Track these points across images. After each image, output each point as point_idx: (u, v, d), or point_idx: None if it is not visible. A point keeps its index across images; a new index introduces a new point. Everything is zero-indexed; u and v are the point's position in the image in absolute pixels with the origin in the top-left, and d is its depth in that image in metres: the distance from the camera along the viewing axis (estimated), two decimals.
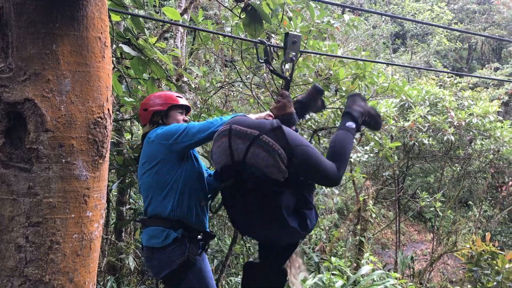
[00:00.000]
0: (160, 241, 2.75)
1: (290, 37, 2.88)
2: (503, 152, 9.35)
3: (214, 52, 5.72)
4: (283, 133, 2.33)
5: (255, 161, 2.29)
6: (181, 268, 2.75)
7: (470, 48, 27.98)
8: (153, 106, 2.94)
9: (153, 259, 2.81)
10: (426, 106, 8.63)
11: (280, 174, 2.29)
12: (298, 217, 2.43)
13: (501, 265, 4.69)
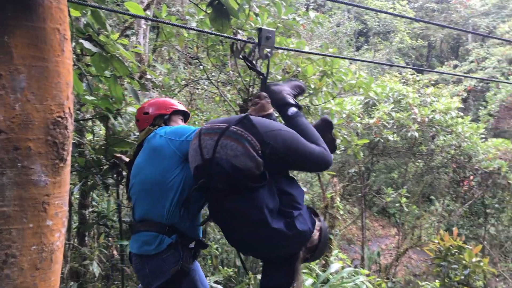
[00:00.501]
0: (153, 247, 2.53)
1: (264, 32, 2.74)
2: (464, 147, 9.59)
3: (179, 49, 5.57)
4: (251, 121, 2.24)
5: (224, 153, 2.17)
6: (174, 278, 2.54)
7: (429, 46, 28.71)
8: (155, 110, 2.91)
9: (144, 268, 2.59)
10: (390, 103, 8.74)
11: (252, 163, 2.14)
12: (283, 218, 2.22)
13: (468, 259, 4.77)
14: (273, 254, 2.39)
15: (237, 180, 2.16)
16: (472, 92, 20.76)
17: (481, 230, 12.07)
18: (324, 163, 2.39)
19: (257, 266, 7.43)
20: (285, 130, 2.32)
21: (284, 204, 2.26)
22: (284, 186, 2.32)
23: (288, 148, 2.25)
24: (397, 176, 13.60)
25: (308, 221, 2.29)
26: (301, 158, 2.31)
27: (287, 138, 2.27)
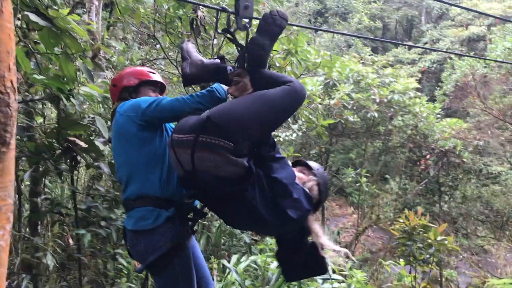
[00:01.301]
0: (150, 222, 2.44)
1: (242, 1, 2.46)
2: (421, 127, 9.76)
3: (135, 26, 5.28)
4: (213, 123, 2.13)
5: (204, 166, 2.14)
6: (169, 253, 2.45)
7: (384, 27, 29.10)
8: (123, 82, 2.71)
9: (139, 243, 2.49)
10: (350, 84, 8.73)
11: (235, 167, 2.12)
12: (278, 210, 2.22)
13: (433, 238, 4.82)
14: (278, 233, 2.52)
15: (224, 187, 2.17)
16: (426, 73, 21.24)
17: (436, 207, 12.43)
18: (296, 97, 2.30)
19: (219, 251, 7.34)
20: (250, 108, 2.21)
21: (277, 194, 2.22)
22: (274, 173, 2.25)
23: (261, 123, 2.20)
24: (355, 156, 13.76)
25: (303, 202, 2.27)
26: (276, 118, 2.30)
27: (255, 117, 2.18)
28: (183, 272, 2.55)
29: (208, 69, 2.50)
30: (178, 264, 2.51)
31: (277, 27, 2.33)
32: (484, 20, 19.62)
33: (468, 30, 20.08)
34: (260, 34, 2.31)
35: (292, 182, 2.30)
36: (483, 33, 19.53)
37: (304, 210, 2.28)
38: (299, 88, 2.28)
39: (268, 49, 2.37)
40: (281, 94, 2.23)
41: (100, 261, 4.74)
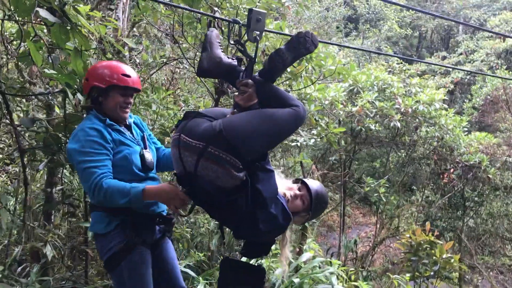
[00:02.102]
0: (103, 226, 2.63)
1: (254, 14, 2.57)
2: (447, 139, 9.53)
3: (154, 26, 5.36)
4: (225, 138, 2.24)
5: (206, 174, 2.25)
6: (118, 255, 2.60)
7: (420, 36, 28.66)
8: (94, 79, 2.65)
9: (96, 243, 2.76)
10: (374, 92, 8.60)
11: (234, 181, 2.26)
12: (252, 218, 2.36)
13: (438, 255, 4.71)
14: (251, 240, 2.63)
15: (219, 197, 2.31)
16: (459, 84, 20.74)
17: (459, 222, 12.13)
18: (298, 121, 2.44)
19: (231, 251, 7.35)
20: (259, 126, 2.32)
21: (256, 205, 2.32)
22: (259, 183, 2.34)
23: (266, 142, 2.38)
24: (379, 165, 13.56)
25: (279, 217, 2.40)
26: (279, 139, 2.54)
27: (262, 136, 2.32)
28: (131, 275, 2.64)
29: (223, 68, 2.57)
30: (125, 267, 2.62)
31: (305, 49, 2.46)
32: None
33: (505, 42, 19.49)
34: (287, 49, 2.44)
35: (273, 196, 2.41)
36: None
37: (278, 226, 2.43)
38: (302, 113, 2.42)
39: (287, 65, 2.53)
40: (287, 117, 2.36)
41: None
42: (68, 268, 4.70)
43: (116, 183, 2.44)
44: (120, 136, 2.68)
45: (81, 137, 2.52)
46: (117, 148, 2.63)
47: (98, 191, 2.41)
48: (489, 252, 13.84)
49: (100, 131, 2.55)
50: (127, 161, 2.64)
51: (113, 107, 2.68)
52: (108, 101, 2.66)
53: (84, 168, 2.45)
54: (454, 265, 4.70)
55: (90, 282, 4.55)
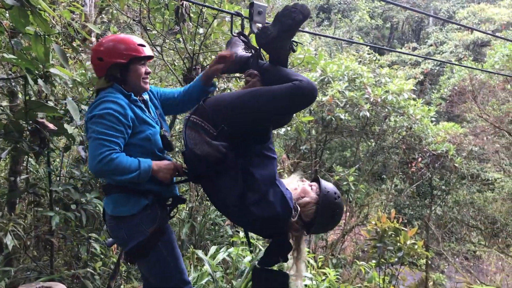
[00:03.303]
0: (129, 209, 2.48)
1: (256, 7, 2.62)
2: (415, 129, 9.71)
3: (123, 11, 5.24)
4: (203, 106, 2.35)
5: (190, 143, 2.33)
6: (151, 238, 2.50)
7: (391, 27, 28.97)
8: (111, 57, 2.45)
9: (119, 229, 2.53)
10: (345, 82, 8.68)
11: (210, 149, 2.25)
12: (244, 202, 2.29)
13: (403, 241, 4.81)
14: (252, 231, 2.63)
15: (200, 166, 2.33)
16: (429, 75, 21.13)
17: (427, 210, 12.41)
18: (300, 96, 2.28)
19: (202, 240, 7.34)
20: (238, 97, 2.36)
21: (248, 187, 2.30)
22: (253, 167, 2.33)
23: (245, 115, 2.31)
24: (349, 154, 13.73)
25: (276, 205, 2.28)
26: (268, 112, 2.32)
27: (241, 106, 2.32)
28: (170, 252, 2.60)
29: (238, 63, 2.65)
30: (163, 246, 2.56)
31: (291, 20, 2.30)
32: (490, 25, 19.47)
33: (473, 34, 19.93)
34: (272, 24, 2.37)
35: (266, 181, 2.34)
36: (488, 38, 19.38)
37: (274, 213, 2.28)
38: (306, 87, 2.27)
39: (273, 40, 2.38)
40: (281, 91, 2.27)
41: (75, 244, 4.76)
42: (32, 259, 4.61)
43: (125, 156, 2.37)
44: (143, 115, 2.54)
45: (102, 107, 2.37)
46: (139, 127, 2.50)
47: (107, 162, 2.28)
48: (455, 239, 14.22)
49: (123, 107, 2.41)
50: (149, 142, 2.54)
51: (136, 80, 2.54)
52: (130, 75, 2.51)
53: (96, 138, 2.32)
54: (418, 251, 4.81)
55: (56, 272, 4.49)
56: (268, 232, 2.52)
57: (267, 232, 2.52)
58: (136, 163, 2.38)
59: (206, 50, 5.15)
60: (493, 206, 12.93)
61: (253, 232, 2.64)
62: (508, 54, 10.61)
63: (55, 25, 3.87)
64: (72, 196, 4.14)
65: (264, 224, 2.36)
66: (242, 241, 5.92)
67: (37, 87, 3.92)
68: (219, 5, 4.38)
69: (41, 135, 3.45)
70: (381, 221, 4.99)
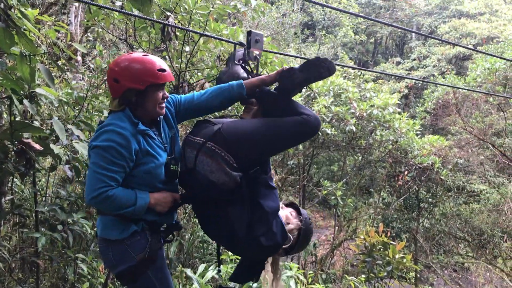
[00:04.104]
0: (117, 233, 2.40)
1: (253, 35, 2.78)
2: (401, 143, 9.79)
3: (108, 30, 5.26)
4: (222, 135, 2.35)
5: (202, 168, 2.34)
6: (138, 265, 2.42)
7: (375, 42, 29.38)
8: (128, 80, 2.30)
9: (108, 252, 2.45)
10: (330, 97, 8.75)
11: (227, 178, 2.29)
12: (251, 233, 2.34)
13: (391, 255, 4.82)
14: (243, 256, 2.66)
15: (212, 193, 2.33)
16: (413, 89, 21.43)
17: (415, 223, 12.48)
18: (305, 131, 2.45)
19: (190, 258, 7.28)
20: (257, 130, 2.40)
21: (255, 218, 2.35)
22: (261, 199, 2.39)
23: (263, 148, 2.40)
24: (336, 169, 13.80)
25: (278, 235, 2.39)
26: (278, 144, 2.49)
27: (261, 140, 2.38)
28: (159, 279, 2.54)
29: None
30: (152, 274, 2.50)
31: (318, 73, 2.46)
32: (471, 40, 19.86)
33: (455, 48, 20.30)
34: (300, 69, 2.46)
35: (274, 213, 2.42)
36: (470, 52, 19.76)
37: (275, 243, 2.38)
38: (313, 122, 2.42)
39: (297, 86, 2.50)
40: (291, 124, 2.39)
41: (61, 265, 4.69)
42: (18, 281, 4.52)
43: (123, 191, 2.30)
44: (147, 146, 2.41)
45: (105, 138, 2.27)
46: (142, 159, 2.38)
47: (103, 199, 2.23)
48: (443, 251, 14.29)
49: (127, 140, 2.29)
50: (150, 175, 2.43)
51: (153, 106, 2.41)
52: (147, 102, 2.39)
53: (95, 171, 2.25)
54: (407, 264, 4.82)
55: None
56: (263, 258, 2.57)
57: (262, 257, 2.55)
58: (133, 199, 2.32)
59: (193, 68, 5.17)
60: (480, 217, 13.03)
61: (247, 256, 2.61)
62: (489, 68, 10.82)
63: (40, 45, 3.86)
64: (58, 216, 4.08)
65: (265, 252, 2.46)
66: (231, 258, 5.89)
67: (22, 107, 3.89)
68: (205, 25, 4.42)
69: (27, 155, 3.41)
70: (369, 235, 5.01)
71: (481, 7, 23.32)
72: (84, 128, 3.95)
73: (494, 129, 12.97)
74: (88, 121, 4.08)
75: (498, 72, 11.15)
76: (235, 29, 4.61)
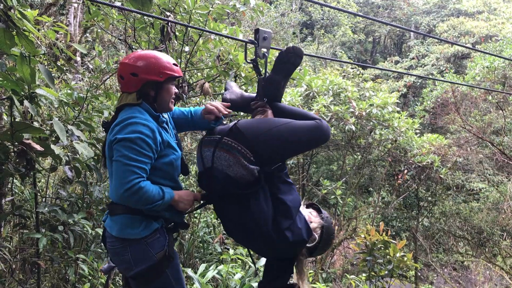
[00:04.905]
0: (139, 231, 2.39)
1: (261, 33, 2.83)
2: (400, 141, 9.80)
3: (108, 31, 5.26)
4: (238, 129, 2.39)
5: (219, 164, 2.36)
6: (159, 264, 2.42)
7: (374, 41, 29.38)
8: (148, 73, 2.38)
9: (125, 252, 2.42)
10: (330, 96, 8.75)
11: (245, 171, 2.30)
12: (275, 227, 2.34)
13: (392, 254, 4.83)
14: (266, 254, 2.65)
15: (231, 188, 2.34)
16: (412, 88, 21.44)
17: (414, 222, 12.50)
18: (319, 135, 2.47)
19: (191, 258, 7.29)
20: (275, 126, 2.41)
21: (278, 213, 2.35)
22: (281, 194, 2.40)
23: (279, 145, 2.39)
24: (336, 168, 13.81)
25: (302, 231, 2.39)
26: (293, 145, 2.44)
27: (277, 135, 2.38)
28: (176, 276, 2.55)
29: (246, 101, 2.79)
30: (170, 273, 2.51)
31: (291, 65, 2.58)
32: (469, 38, 19.86)
33: (453, 47, 20.30)
34: (275, 73, 2.59)
35: (296, 207, 2.44)
36: (468, 51, 19.76)
37: (301, 238, 2.39)
38: (325, 127, 2.46)
39: (282, 86, 2.63)
40: (307, 127, 2.42)
41: (62, 265, 4.69)
42: (19, 282, 4.52)
43: (151, 185, 2.32)
44: (168, 137, 2.50)
45: (131, 130, 2.29)
46: (164, 150, 2.45)
47: (136, 190, 2.23)
48: (443, 250, 14.31)
49: (153, 131, 2.34)
50: (172, 167, 2.50)
51: (168, 100, 2.50)
52: (163, 95, 2.47)
53: (125, 163, 2.24)
54: (408, 263, 4.83)
55: None
56: (288, 256, 2.56)
57: (287, 255, 2.55)
58: (161, 193, 2.35)
59: (192, 68, 5.17)
60: (479, 216, 13.05)
61: (272, 255, 2.62)
62: (488, 66, 10.83)
63: (40, 46, 3.86)
64: (59, 217, 4.08)
65: (290, 249, 2.45)
66: (232, 258, 5.90)
67: (23, 108, 3.89)
68: (204, 25, 4.42)
69: (27, 156, 3.41)
70: (370, 234, 5.01)
71: (480, 6, 23.33)
72: (85, 128, 3.95)
73: (493, 127, 13.00)
74: (88, 121, 4.08)
75: (497, 71, 11.17)
76: (234, 28, 4.62)
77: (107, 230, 2.51)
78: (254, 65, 2.83)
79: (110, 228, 2.48)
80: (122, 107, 2.44)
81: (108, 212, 2.52)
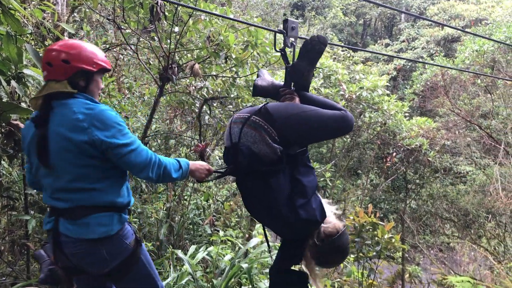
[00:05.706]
0: (111, 227, 2.34)
1: (290, 23, 2.92)
2: (389, 124, 9.85)
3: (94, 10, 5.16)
4: (267, 110, 2.47)
5: (246, 140, 2.46)
6: (134, 251, 2.45)
7: (364, 24, 29.30)
8: (81, 62, 2.30)
9: (98, 251, 2.33)
10: (320, 79, 8.73)
11: (268, 149, 2.40)
12: (290, 205, 2.43)
13: (380, 236, 4.90)
14: (282, 233, 2.68)
15: (254, 164, 2.43)
16: (402, 71, 21.46)
17: (402, 204, 12.63)
18: (344, 126, 2.55)
19: (181, 240, 7.31)
20: (303, 111, 2.50)
21: (295, 192, 2.45)
22: (300, 176, 2.49)
23: (306, 130, 2.48)
24: (325, 151, 13.85)
25: (317, 211, 2.45)
26: (319, 131, 2.54)
27: (305, 120, 2.47)
28: (147, 259, 2.61)
29: (276, 88, 2.90)
30: (144, 258, 2.57)
31: (316, 52, 2.64)
32: (460, 22, 19.88)
33: (444, 30, 20.32)
34: (301, 60, 2.65)
35: (313, 188, 2.52)
36: (458, 33, 19.80)
37: (314, 218, 2.45)
38: (350, 118, 2.56)
39: (308, 73, 2.72)
40: (333, 116, 2.51)
41: None
42: (8, 264, 4.51)
43: (165, 157, 2.43)
44: None
45: (110, 119, 2.24)
46: None
47: (158, 166, 2.34)
48: (429, 232, 14.50)
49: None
50: None
51: (96, 92, 2.44)
52: (93, 86, 2.40)
53: (135, 148, 2.28)
54: (395, 245, 4.90)
55: (33, 277, 4.40)
56: (301, 234, 2.60)
57: (300, 234, 2.60)
58: (175, 162, 2.47)
59: (182, 49, 5.12)
60: (465, 198, 13.22)
61: (285, 233, 2.66)
62: (477, 50, 10.86)
63: (26, 25, 3.79)
64: None
65: (303, 227, 2.49)
66: (221, 239, 5.93)
67: (10, 88, 3.83)
68: (195, 4, 4.37)
69: (15, 137, 3.38)
70: (358, 216, 5.07)
71: None
72: None
73: (481, 111, 13.09)
74: None
75: (486, 54, 11.22)
76: (225, 9, 4.57)
77: (67, 235, 2.32)
78: (282, 54, 2.90)
79: (72, 232, 2.31)
80: (56, 95, 2.29)
81: (65, 217, 2.33)
